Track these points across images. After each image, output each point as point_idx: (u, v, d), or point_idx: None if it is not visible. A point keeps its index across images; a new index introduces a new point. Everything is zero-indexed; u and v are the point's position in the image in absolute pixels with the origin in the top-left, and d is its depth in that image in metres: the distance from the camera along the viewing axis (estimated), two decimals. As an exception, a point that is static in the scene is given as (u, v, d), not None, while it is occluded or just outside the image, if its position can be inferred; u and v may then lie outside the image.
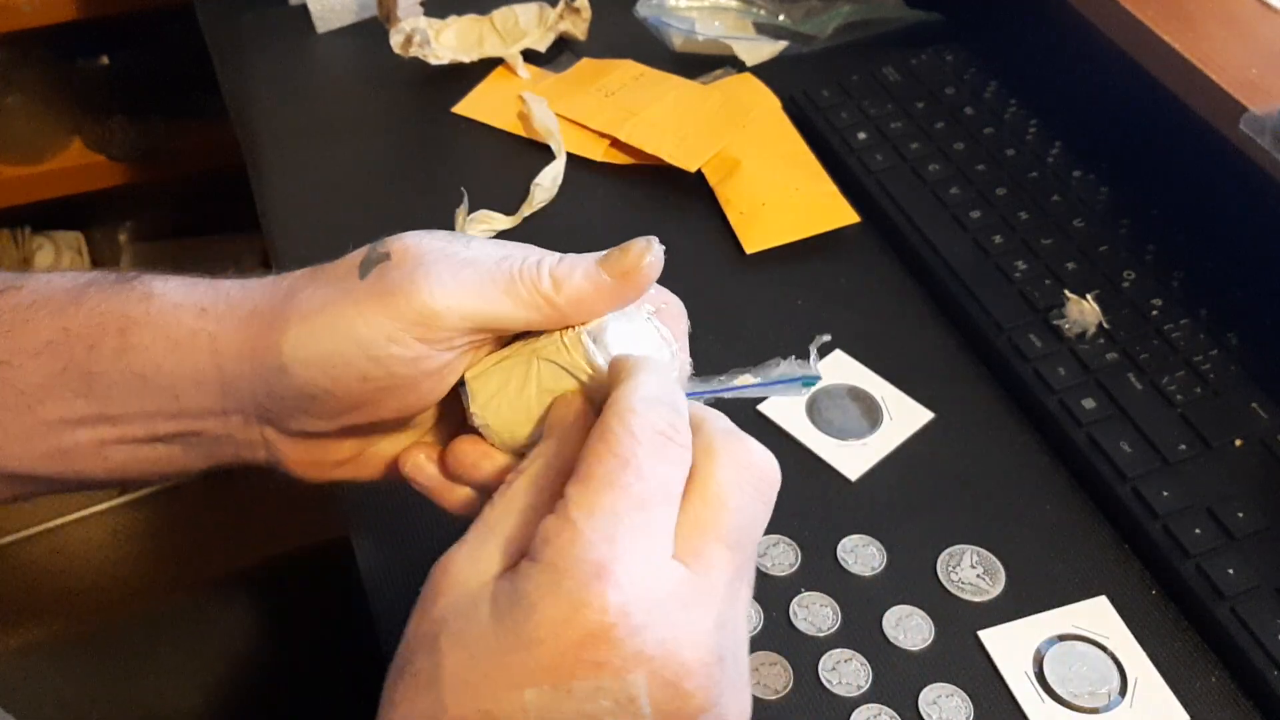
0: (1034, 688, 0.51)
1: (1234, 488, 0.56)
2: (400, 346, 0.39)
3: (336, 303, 0.40)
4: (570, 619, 0.31)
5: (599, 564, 0.32)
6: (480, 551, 0.35)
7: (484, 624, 0.33)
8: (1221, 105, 0.61)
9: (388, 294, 0.39)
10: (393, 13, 0.81)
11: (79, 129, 1.53)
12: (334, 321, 0.40)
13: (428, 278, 0.39)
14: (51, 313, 0.44)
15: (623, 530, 0.33)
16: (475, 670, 0.32)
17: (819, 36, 0.85)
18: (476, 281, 0.39)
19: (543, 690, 0.32)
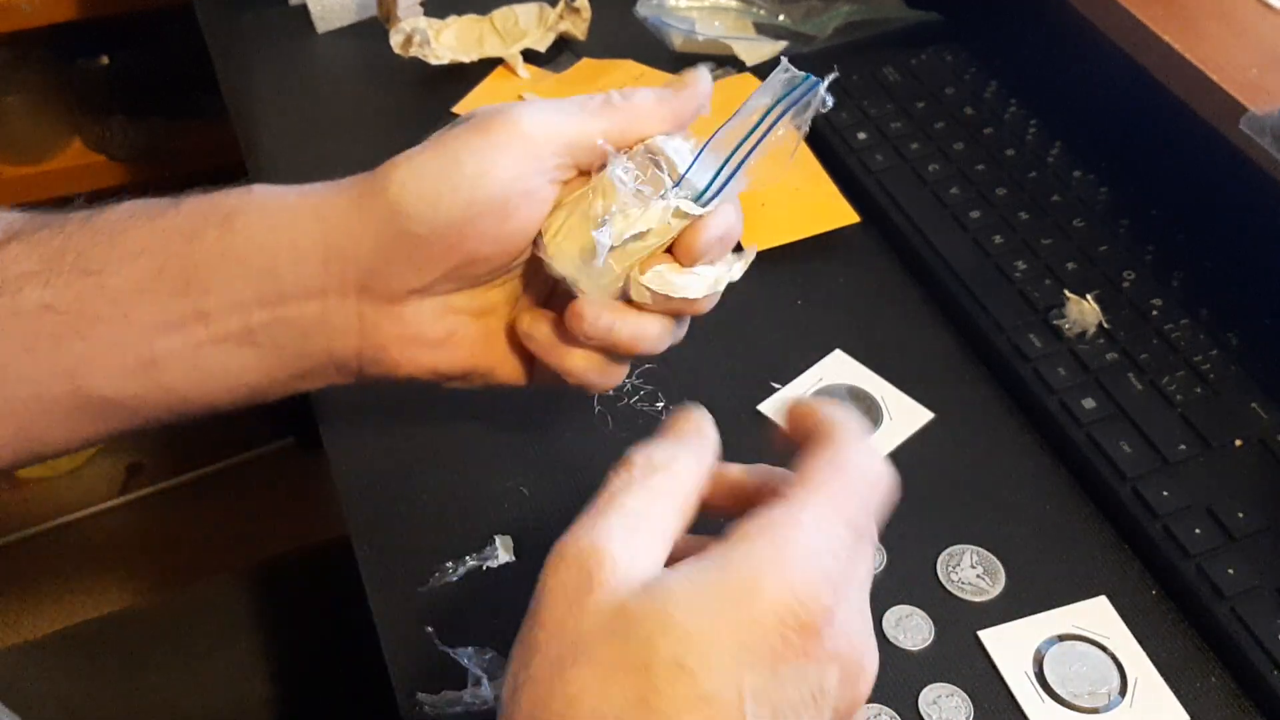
0: (1034, 688, 0.51)
1: (1234, 488, 0.56)
2: (500, 168, 0.43)
3: (438, 143, 0.45)
4: (794, 608, 0.32)
5: (824, 563, 0.34)
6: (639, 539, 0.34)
7: (695, 604, 0.32)
8: (1221, 105, 0.61)
9: (483, 126, 0.44)
10: (393, 13, 0.81)
11: (79, 129, 1.53)
12: (438, 153, 0.44)
13: (516, 109, 0.44)
14: (150, 218, 0.46)
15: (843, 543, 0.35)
16: (692, 652, 0.32)
17: (819, 36, 0.85)
18: (557, 106, 0.45)
19: (760, 673, 0.32)
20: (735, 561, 0.33)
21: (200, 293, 0.44)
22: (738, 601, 0.32)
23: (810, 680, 0.33)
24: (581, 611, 0.33)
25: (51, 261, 0.45)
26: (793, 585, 0.33)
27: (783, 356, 0.64)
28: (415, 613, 0.54)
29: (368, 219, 0.44)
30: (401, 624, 0.54)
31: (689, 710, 0.31)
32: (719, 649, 0.32)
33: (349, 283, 0.45)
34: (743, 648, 0.32)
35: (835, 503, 0.36)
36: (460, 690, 0.50)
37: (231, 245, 0.44)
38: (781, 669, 0.32)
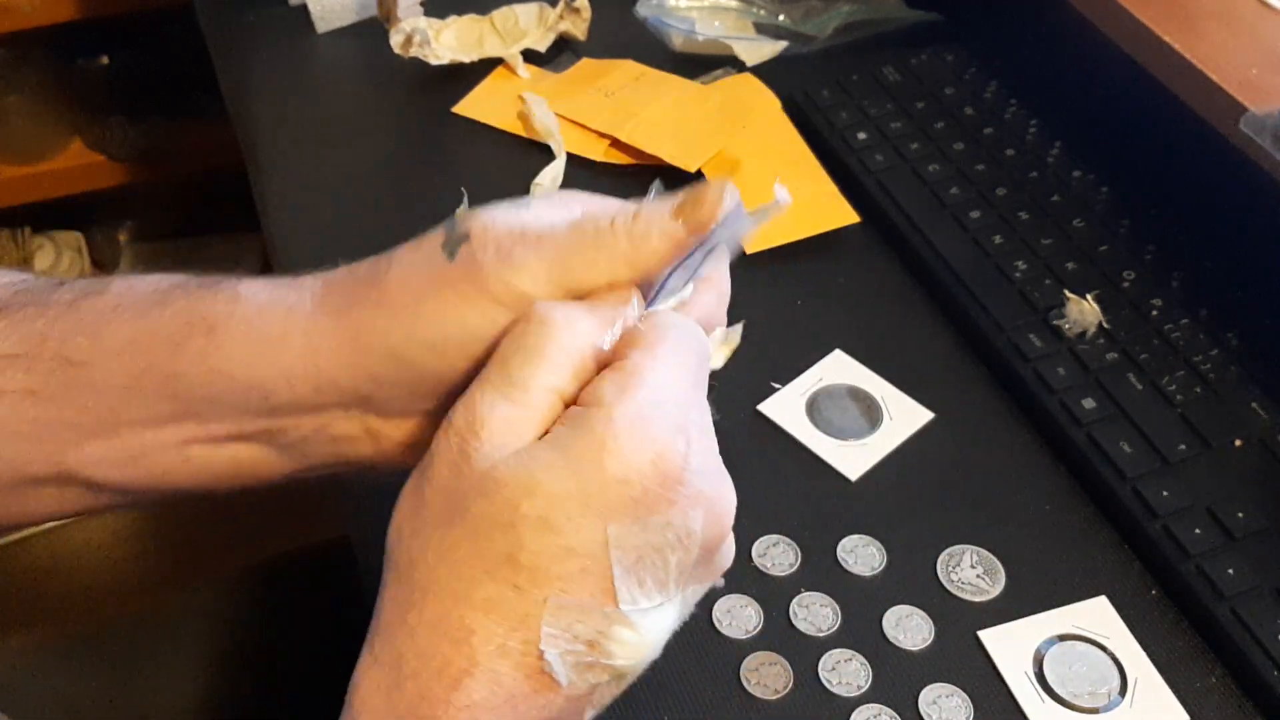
0: (1034, 688, 0.51)
1: (1234, 488, 0.56)
2: (503, 325, 0.41)
3: (437, 289, 0.41)
4: (655, 461, 0.35)
5: (673, 414, 0.36)
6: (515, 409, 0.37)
7: (556, 466, 0.35)
8: (1221, 105, 0.61)
9: (481, 278, 0.40)
10: (393, 13, 0.81)
11: (79, 129, 1.53)
12: (439, 308, 0.41)
13: (513, 262, 0.40)
14: (135, 315, 0.44)
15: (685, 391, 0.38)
16: (555, 509, 0.35)
17: (819, 36, 0.85)
18: (556, 253, 0.41)
19: (623, 524, 0.35)
20: (594, 423, 0.35)
21: (188, 400, 0.43)
22: (598, 460, 0.35)
23: (675, 524, 0.36)
24: (458, 475, 0.36)
25: (33, 346, 0.43)
26: (650, 438, 0.35)
27: (783, 356, 0.64)
28: (415, 613, 0.54)
29: (362, 359, 0.42)
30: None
31: (553, 561, 0.34)
32: (581, 505, 0.35)
33: (349, 403, 0.43)
34: (605, 502, 0.35)
35: (674, 356, 0.38)
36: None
37: (217, 362, 0.42)
38: (645, 518, 0.35)
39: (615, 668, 0.36)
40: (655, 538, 0.36)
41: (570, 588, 0.35)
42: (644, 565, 0.36)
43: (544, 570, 0.35)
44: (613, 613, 0.35)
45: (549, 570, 0.35)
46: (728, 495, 0.38)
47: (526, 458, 0.35)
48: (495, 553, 0.35)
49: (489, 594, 0.35)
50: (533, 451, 0.36)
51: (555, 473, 0.35)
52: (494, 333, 0.40)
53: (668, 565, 0.36)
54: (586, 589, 0.35)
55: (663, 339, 0.38)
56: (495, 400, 0.37)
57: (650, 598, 0.36)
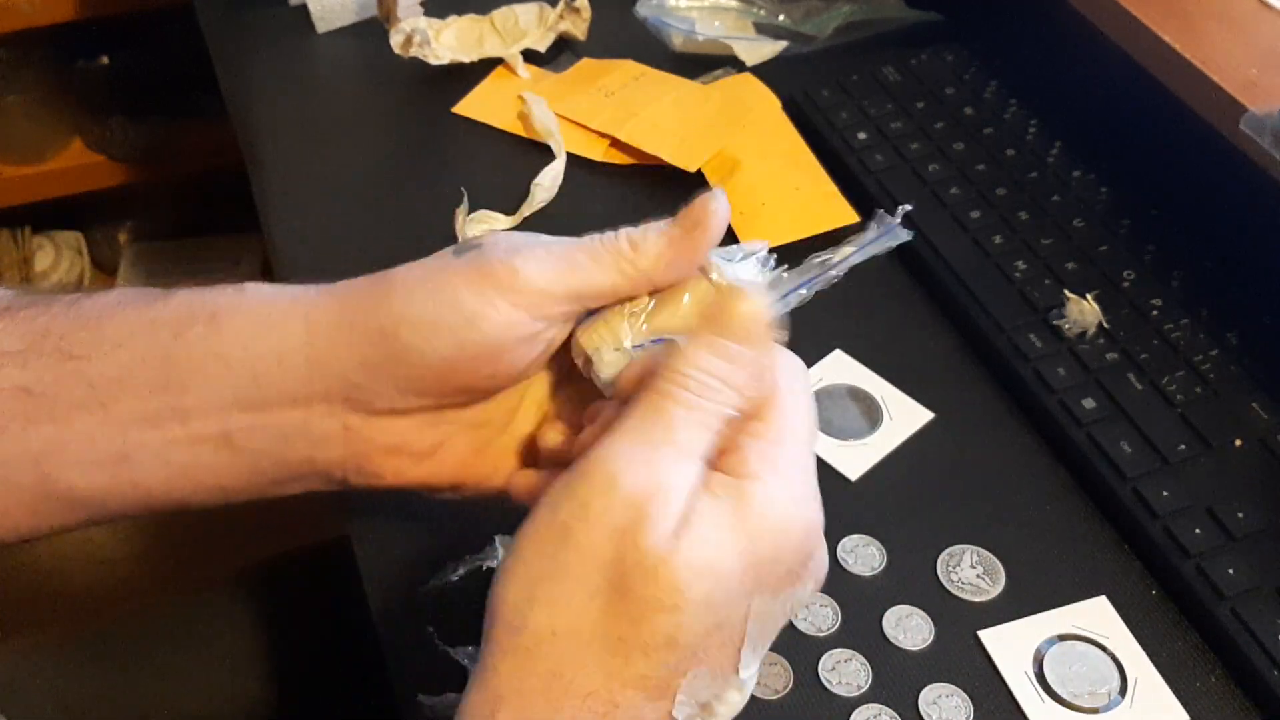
0: (1034, 688, 0.51)
1: (1234, 488, 0.56)
2: (499, 313, 0.41)
3: (438, 273, 0.42)
4: (803, 540, 0.37)
5: (814, 483, 0.38)
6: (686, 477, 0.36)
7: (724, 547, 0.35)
8: (1221, 105, 0.61)
9: (487, 269, 0.42)
10: (393, 13, 0.81)
11: (79, 129, 1.53)
12: (437, 289, 0.42)
13: (521, 255, 0.42)
14: (138, 308, 0.44)
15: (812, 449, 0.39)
16: (719, 589, 0.35)
17: (819, 36, 0.85)
18: (564, 254, 0.42)
19: (765, 599, 0.36)
20: (751, 499, 0.36)
21: (180, 390, 0.43)
22: (758, 537, 0.35)
23: (799, 596, 0.37)
24: (622, 550, 0.34)
25: (33, 342, 0.44)
26: (800, 514, 0.37)
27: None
28: (415, 613, 0.54)
29: (357, 337, 0.43)
30: (401, 624, 0.54)
31: (705, 637, 0.35)
32: (739, 583, 0.35)
33: (334, 393, 0.44)
34: (758, 579, 0.36)
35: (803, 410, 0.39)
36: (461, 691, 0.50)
37: (216, 345, 0.43)
38: (784, 591, 0.37)
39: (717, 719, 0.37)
40: (783, 609, 0.37)
41: (710, 659, 0.36)
42: (766, 634, 0.37)
43: (695, 648, 0.35)
44: (730, 680, 0.36)
45: (698, 646, 0.35)
46: (823, 558, 0.39)
47: (697, 540, 0.35)
48: (657, 634, 0.34)
49: (644, 671, 0.35)
50: (700, 532, 0.35)
51: (724, 554, 0.35)
52: (487, 319, 0.41)
53: (776, 630, 0.37)
54: (723, 660, 0.36)
55: (791, 389, 0.39)
56: (661, 466, 0.36)
57: (759, 661, 0.37)
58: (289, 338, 0.43)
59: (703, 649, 0.35)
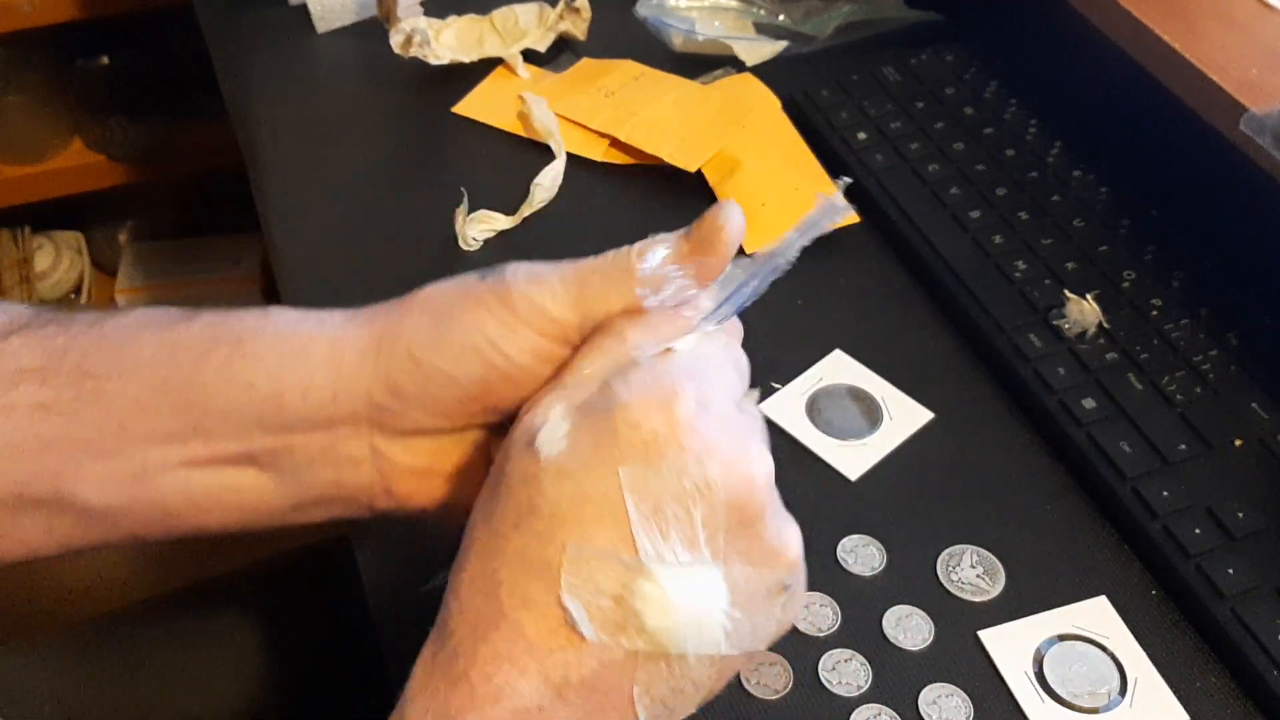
0: (1034, 688, 0.51)
1: (1234, 488, 0.56)
2: (523, 339, 0.42)
3: (463, 298, 0.43)
4: (662, 405, 0.36)
5: (688, 372, 0.38)
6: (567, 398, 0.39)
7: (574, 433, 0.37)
8: (1221, 105, 0.61)
9: (505, 293, 0.42)
10: (393, 13, 0.81)
11: (79, 129, 1.53)
12: (462, 313, 0.43)
13: (540, 280, 0.42)
14: (161, 330, 0.44)
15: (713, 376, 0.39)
16: (572, 459, 0.36)
17: (819, 36, 0.85)
18: (578, 278, 0.43)
19: (635, 467, 0.36)
20: (610, 385, 0.38)
21: (201, 413, 0.43)
22: (609, 411, 0.37)
23: (691, 472, 0.36)
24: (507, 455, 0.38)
25: (53, 359, 0.44)
26: (660, 389, 0.37)
27: (783, 356, 0.64)
28: (415, 613, 0.54)
29: (384, 363, 0.43)
30: (401, 624, 0.54)
31: (571, 506, 0.36)
32: (593, 449, 0.36)
33: (360, 416, 0.44)
34: (615, 447, 0.36)
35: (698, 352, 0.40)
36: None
37: (240, 371, 0.43)
38: (656, 463, 0.36)
39: (648, 631, 0.35)
40: (672, 484, 0.36)
41: (589, 534, 0.35)
42: (664, 515, 0.36)
43: (562, 515, 0.36)
44: (633, 563, 0.35)
45: (566, 515, 0.36)
46: (754, 457, 0.37)
47: (531, 418, 0.38)
48: (520, 504, 0.36)
49: (516, 545, 0.36)
50: (544, 410, 0.38)
51: (576, 428, 0.37)
52: (511, 344, 0.42)
53: (692, 519, 0.36)
54: (605, 535, 0.35)
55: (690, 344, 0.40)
56: (556, 396, 0.39)
57: (676, 553, 0.36)
58: (315, 365, 0.43)
59: (574, 520, 0.36)
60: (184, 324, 0.44)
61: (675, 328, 0.41)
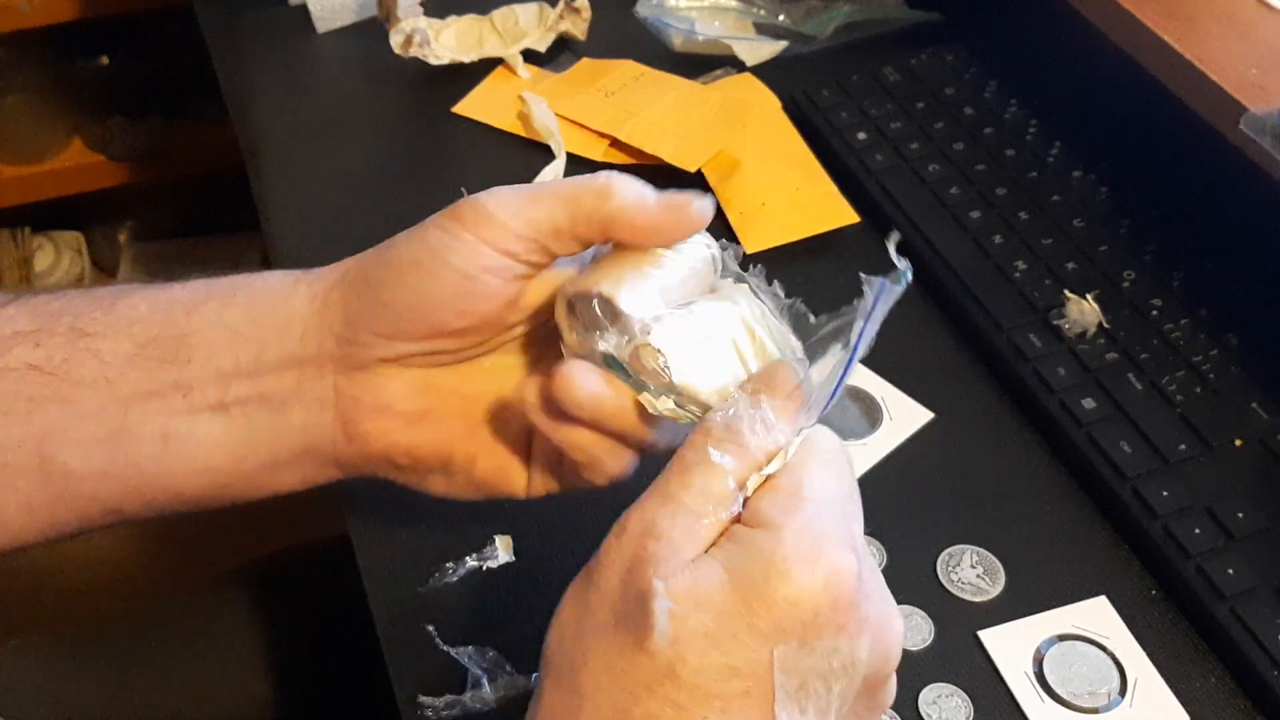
0: (1034, 687, 0.51)
1: (1234, 488, 0.56)
2: (464, 244, 0.43)
3: (417, 227, 0.45)
4: (826, 584, 0.34)
5: (845, 536, 0.36)
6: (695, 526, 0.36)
7: (725, 585, 0.34)
8: (1221, 105, 0.61)
9: (456, 210, 0.44)
10: (393, 13, 0.81)
11: (79, 129, 1.53)
12: (412, 236, 0.45)
13: (492, 194, 0.44)
14: (155, 290, 0.46)
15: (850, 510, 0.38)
16: (722, 627, 0.34)
17: (819, 36, 0.85)
18: (534, 191, 0.44)
19: (789, 647, 0.34)
20: (762, 543, 0.35)
21: (185, 363, 0.45)
22: (767, 581, 0.34)
23: (842, 652, 0.35)
24: (627, 583, 0.35)
25: (47, 322, 0.45)
26: (822, 559, 0.35)
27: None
28: (415, 613, 0.54)
29: (347, 290, 0.45)
30: (401, 624, 0.54)
31: (715, 680, 0.34)
32: (747, 625, 0.34)
33: (324, 353, 0.45)
34: (773, 624, 0.34)
35: (828, 468, 0.38)
36: (461, 693, 0.50)
37: (228, 317, 0.45)
38: (813, 642, 0.34)
39: None
40: (821, 663, 0.35)
41: (731, 708, 0.34)
42: (807, 692, 0.35)
43: (704, 689, 0.34)
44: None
45: (709, 689, 0.34)
46: (896, 626, 0.37)
47: (696, 573, 0.35)
48: (658, 667, 0.34)
49: (649, 710, 0.34)
50: (702, 567, 0.35)
51: (724, 591, 0.34)
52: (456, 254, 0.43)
53: (830, 693, 0.35)
54: (747, 712, 0.34)
55: (811, 451, 0.38)
56: (671, 510, 0.36)
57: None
58: (293, 307, 0.45)
59: (718, 694, 0.34)
60: (177, 285, 0.47)
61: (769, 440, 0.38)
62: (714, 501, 0.36)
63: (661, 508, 0.36)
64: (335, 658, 0.73)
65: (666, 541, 0.35)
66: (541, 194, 0.43)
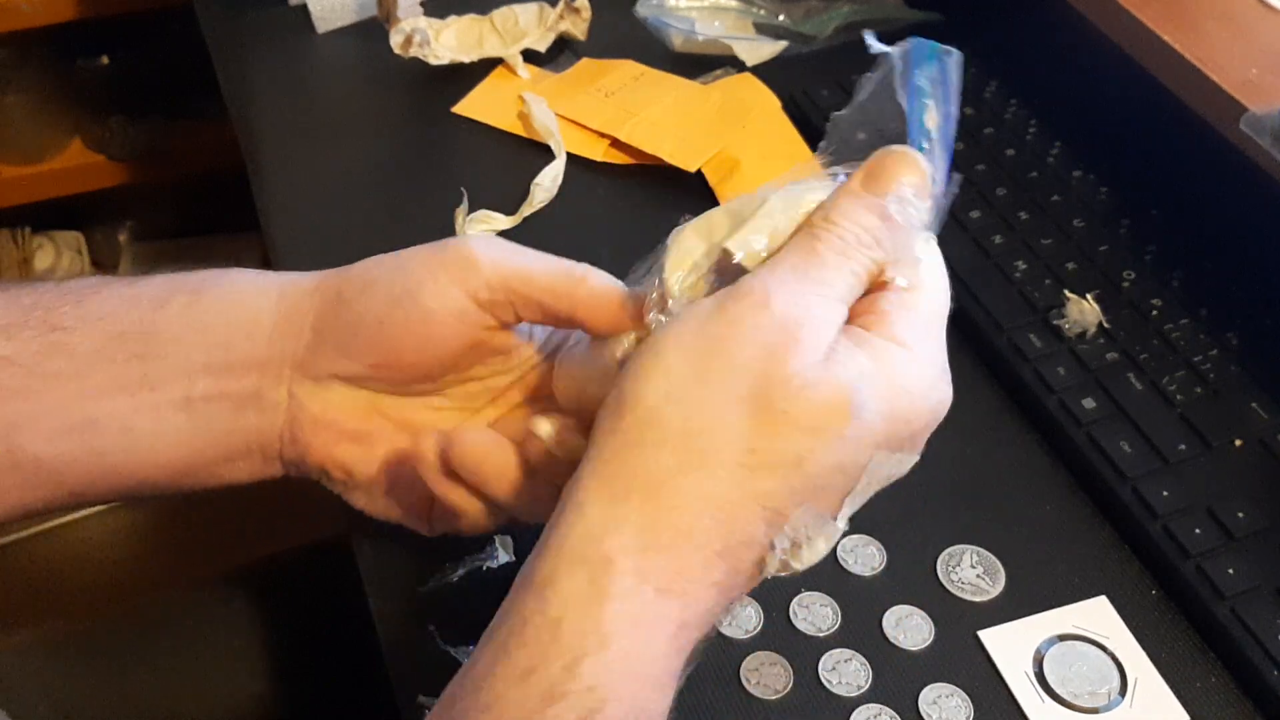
0: (1034, 687, 0.51)
1: (1234, 488, 0.56)
2: (437, 280, 0.44)
3: (397, 253, 0.46)
4: (934, 412, 0.39)
5: (947, 366, 0.39)
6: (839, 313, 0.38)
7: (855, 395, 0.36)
8: (1221, 105, 0.61)
9: (439, 249, 0.45)
10: (393, 13, 0.81)
11: (79, 129, 1.53)
12: (395, 263, 0.45)
13: (481, 242, 0.45)
14: (123, 285, 0.47)
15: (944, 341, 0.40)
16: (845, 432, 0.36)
17: (819, 36, 0.85)
18: (520, 251, 0.45)
19: (884, 454, 0.38)
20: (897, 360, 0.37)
21: (154, 358, 0.46)
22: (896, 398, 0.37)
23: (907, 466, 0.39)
24: (772, 363, 0.36)
25: (20, 316, 0.46)
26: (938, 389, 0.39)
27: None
28: (415, 613, 0.54)
29: (317, 299, 0.46)
30: (401, 624, 0.54)
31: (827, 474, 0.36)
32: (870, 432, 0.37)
33: (287, 357, 0.46)
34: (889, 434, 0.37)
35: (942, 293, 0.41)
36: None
37: (196, 314, 0.46)
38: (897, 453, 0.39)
39: (792, 570, 0.38)
40: (892, 471, 0.38)
41: (823, 501, 0.37)
42: (867, 493, 0.38)
43: (817, 481, 0.36)
44: (828, 525, 0.38)
45: (818, 482, 0.36)
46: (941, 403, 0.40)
47: (844, 379, 0.36)
48: (789, 453, 0.35)
49: (768, 488, 0.36)
50: (848, 371, 0.36)
51: (866, 400, 0.36)
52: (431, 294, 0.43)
53: (874, 490, 0.39)
54: (830, 502, 0.37)
55: (933, 264, 0.40)
56: (825, 295, 0.37)
57: (852, 512, 0.38)
58: (262, 308, 0.46)
59: (822, 486, 0.36)
60: (144, 280, 0.47)
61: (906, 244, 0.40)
62: (856, 291, 0.38)
63: (816, 292, 0.37)
64: (335, 658, 0.73)
65: (816, 329, 0.36)
66: (527, 257, 0.44)
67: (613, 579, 0.34)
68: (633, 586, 0.34)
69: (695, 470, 0.35)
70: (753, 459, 0.35)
